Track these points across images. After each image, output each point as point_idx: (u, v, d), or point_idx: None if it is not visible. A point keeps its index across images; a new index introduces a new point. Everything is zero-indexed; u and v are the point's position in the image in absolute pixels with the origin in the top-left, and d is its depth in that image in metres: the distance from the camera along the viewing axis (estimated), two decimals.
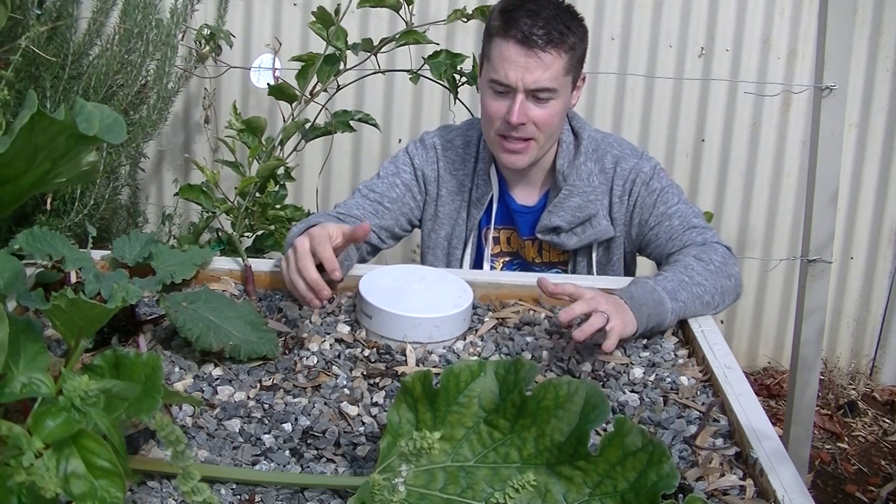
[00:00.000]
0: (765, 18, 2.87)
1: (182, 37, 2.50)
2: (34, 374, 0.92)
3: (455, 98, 2.24)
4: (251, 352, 1.30)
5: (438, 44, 2.27)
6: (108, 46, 2.37)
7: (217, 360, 1.30)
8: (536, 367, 0.99)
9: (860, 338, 3.17)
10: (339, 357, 1.35)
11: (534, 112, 1.64)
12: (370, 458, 1.12)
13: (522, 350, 1.39)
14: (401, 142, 2.94)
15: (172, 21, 2.39)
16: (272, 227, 2.23)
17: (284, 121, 2.16)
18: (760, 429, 1.16)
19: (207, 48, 2.59)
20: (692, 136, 2.97)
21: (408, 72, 2.31)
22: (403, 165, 1.82)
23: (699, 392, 1.31)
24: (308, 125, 2.21)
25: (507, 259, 1.87)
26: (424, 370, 1.01)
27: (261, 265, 1.58)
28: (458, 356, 1.37)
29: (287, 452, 1.12)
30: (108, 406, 0.93)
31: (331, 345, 1.38)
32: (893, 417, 2.96)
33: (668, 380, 1.33)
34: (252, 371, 1.29)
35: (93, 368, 0.99)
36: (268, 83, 2.22)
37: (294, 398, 1.24)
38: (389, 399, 1.25)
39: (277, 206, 2.20)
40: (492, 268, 1.85)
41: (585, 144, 1.76)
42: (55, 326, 1.04)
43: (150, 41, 2.36)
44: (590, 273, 1.79)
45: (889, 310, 3.11)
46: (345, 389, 1.27)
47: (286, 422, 1.18)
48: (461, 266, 1.83)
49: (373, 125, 2.27)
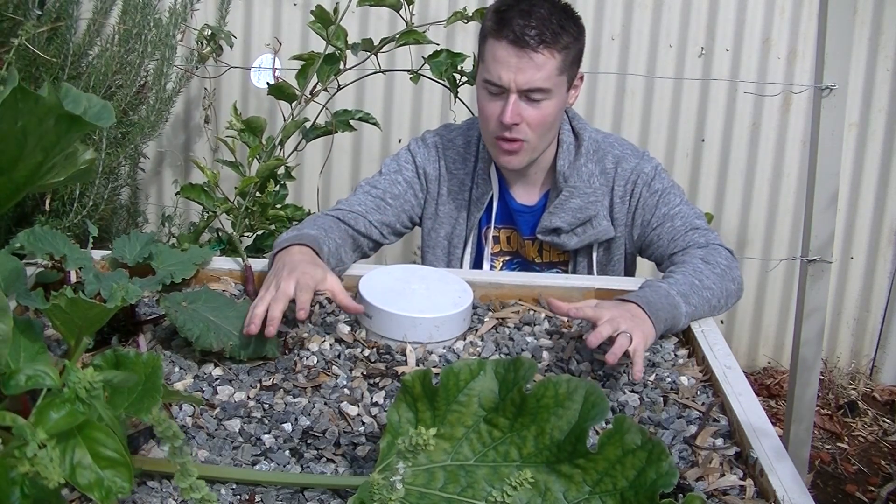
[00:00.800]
0: (765, 18, 2.87)
1: (182, 37, 2.50)
2: (38, 366, 0.92)
3: (455, 97, 2.24)
4: (251, 352, 1.30)
5: (438, 44, 2.27)
6: (108, 47, 2.38)
7: (217, 360, 1.30)
8: (536, 366, 0.99)
9: (860, 338, 3.17)
10: (339, 357, 1.35)
11: (527, 112, 1.64)
12: (370, 458, 1.12)
13: (522, 350, 1.39)
14: (401, 141, 2.94)
15: (171, 21, 2.39)
16: (272, 227, 2.23)
17: (284, 120, 2.16)
18: (760, 429, 1.16)
19: (208, 48, 2.59)
20: (692, 136, 2.97)
21: (408, 71, 2.31)
22: (406, 163, 1.82)
23: (699, 392, 1.31)
24: (308, 125, 2.21)
25: (508, 258, 1.87)
26: (424, 369, 1.01)
27: (261, 265, 1.58)
28: (458, 356, 1.37)
29: (287, 452, 1.12)
30: (109, 405, 0.93)
31: (331, 345, 1.38)
32: (893, 417, 2.96)
33: (668, 380, 1.33)
34: (252, 371, 1.29)
35: (93, 367, 0.99)
36: (268, 83, 2.21)
37: (294, 398, 1.24)
38: (389, 399, 1.25)
39: (278, 206, 2.20)
40: (492, 267, 1.85)
41: (586, 145, 1.76)
42: (55, 326, 1.04)
43: (150, 41, 2.36)
44: (590, 273, 1.79)
45: (889, 310, 3.11)
46: (345, 389, 1.27)
47: (286, 422, 1.18)
48: (461, 265, 1.83)
49: (373, 124, 2.27)
